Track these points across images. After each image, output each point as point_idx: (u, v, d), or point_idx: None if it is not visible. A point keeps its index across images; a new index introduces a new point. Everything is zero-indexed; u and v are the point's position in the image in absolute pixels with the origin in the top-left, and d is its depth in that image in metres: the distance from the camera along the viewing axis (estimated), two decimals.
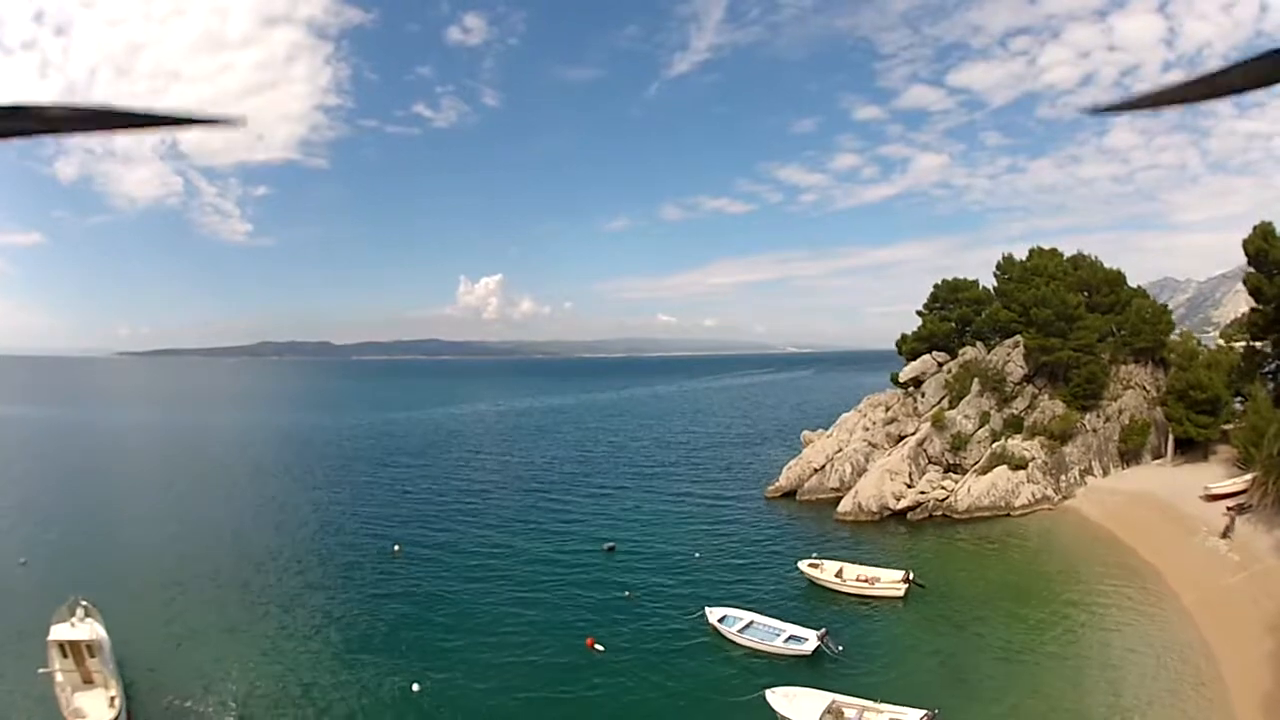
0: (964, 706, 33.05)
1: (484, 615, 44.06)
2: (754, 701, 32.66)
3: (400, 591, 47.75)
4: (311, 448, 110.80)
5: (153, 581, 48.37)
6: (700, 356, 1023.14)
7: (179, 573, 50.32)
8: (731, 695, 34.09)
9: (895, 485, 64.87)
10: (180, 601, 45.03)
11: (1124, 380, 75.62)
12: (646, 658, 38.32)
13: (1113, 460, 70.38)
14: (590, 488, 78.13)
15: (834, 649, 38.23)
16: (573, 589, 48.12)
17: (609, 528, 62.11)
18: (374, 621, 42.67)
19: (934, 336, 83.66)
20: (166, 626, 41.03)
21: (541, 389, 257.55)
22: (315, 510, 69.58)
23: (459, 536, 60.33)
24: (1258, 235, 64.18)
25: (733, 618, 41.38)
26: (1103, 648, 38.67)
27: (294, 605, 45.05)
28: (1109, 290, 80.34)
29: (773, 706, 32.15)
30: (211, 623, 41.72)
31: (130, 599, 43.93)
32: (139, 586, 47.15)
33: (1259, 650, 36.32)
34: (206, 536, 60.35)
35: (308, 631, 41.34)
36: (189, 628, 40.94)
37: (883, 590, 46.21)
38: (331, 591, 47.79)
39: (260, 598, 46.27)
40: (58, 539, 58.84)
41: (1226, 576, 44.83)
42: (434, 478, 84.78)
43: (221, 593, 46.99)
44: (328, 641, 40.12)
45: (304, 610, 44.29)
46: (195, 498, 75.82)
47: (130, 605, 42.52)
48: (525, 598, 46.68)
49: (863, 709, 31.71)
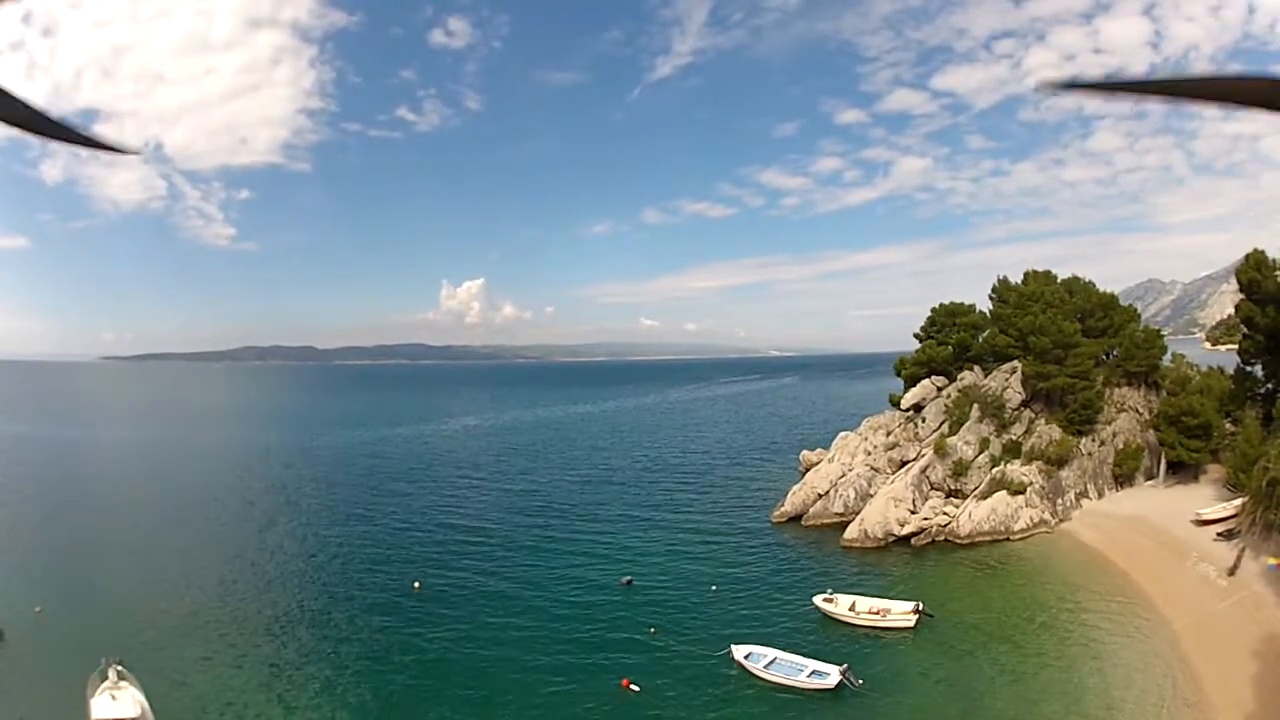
0: None
1: (513, 656, 44.60)
2: None
3: (424, 634, 47.77)
4: (301, 471, 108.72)
5: (172, 630, 47.76)
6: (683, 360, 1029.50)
7: (201, 619, 49.61)
8: None
9: (900, 512, 67.09)
10: (202, 652, 44.42)
11: (1118, 403, 78.01)
12: (681, 696, 39.49)
13: (1107, 483, 72.66)
14: (595, 516, 78.09)
15: (855, 683, 39.90)
16: (597, 625, 48.98)
17: (621, 559, 62.78)
18: (404, 670, 42.94)
19: (932, 361, 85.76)
20: (193, 685, 40.47)
21: (528, 400, 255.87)
22: (324, 544, 69.02)
23: (473, 572, 60.57)
24: (1251, 265, 66.32)
25: (758, 655, 42.69)
26: (1098, 672, 41.09)
27: (319, 655, 44.84)
28: (1103, 314, 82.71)
29: None
30: (237, 680, 41.28)
31: (153, 652, 43.46)
32: (158, 636, 46.44)
33: (1245, 674, 38.69)
34: (222, 576, 59.65)
35: (340, 683, 41.35)
36: (215, 686, 40.35)
37: (894, 621, 48.06)
38: (360, 638, 47.46)
39: (285, 648, 45.76)
40: (68, 580, 57.54)
41: (1216, 602, 47.13)
42: (435, 507, 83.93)
43: (246, 642, 46.48)
44: (365, 697, 40.03)
45: (333, 660, 44.20)
46: (204, 528, 75.09)
47: (154, 660, 42.22)
48: (551, 636, 47.33)
49: None
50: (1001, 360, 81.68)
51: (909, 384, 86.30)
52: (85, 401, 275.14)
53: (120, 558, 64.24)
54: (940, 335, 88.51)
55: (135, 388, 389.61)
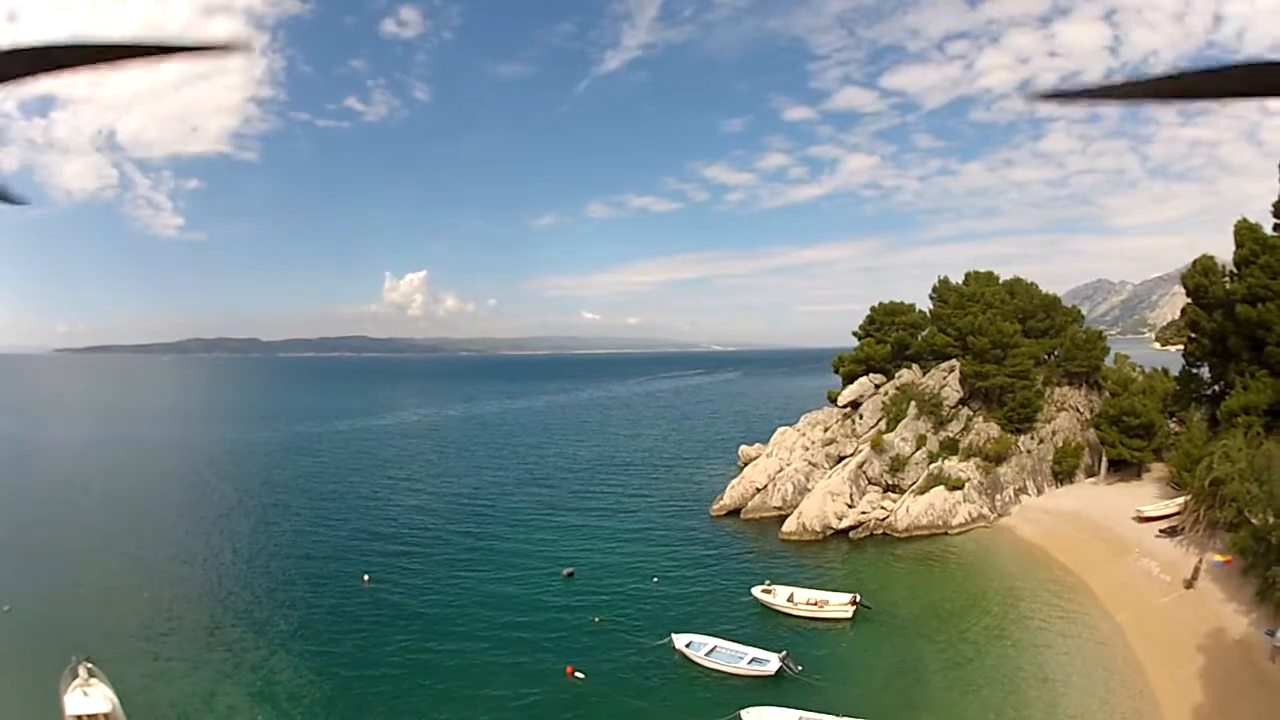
0: (915, 718, 34.31)
1: (460, 646, 43.93)
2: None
3: (376, 628, 46.80)
4: (250, 467, 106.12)
5: (136, 626, 46.58)
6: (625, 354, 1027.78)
7: (162, 617, 48.48)
8: (709, 716, 35.19)
9: (837, 505, 65.27)
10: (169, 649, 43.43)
11: (1058, 403, 77.57)
12: (625, 684, 38.95)
13: (1047, 480, 71.91)
14: (539, 509, 76.52)
15: (794, 669, 39.31)
16: (541, 616, 48.16)
17: (564, 551, 61.38)
18: (357, 663, 42.00)
19: (871, 359, 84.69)
20: (158, 680, 39.60)
21: (470, 395, 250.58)
22: (276, 539, 66.79)
23: (419, 565, 58.98)
24: (1198, 270, 66.16)
25: (698, 643, 42.30)
26: (1039, 663, 39.74)
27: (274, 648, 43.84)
28: (1045, 315, 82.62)
29: None
30: (205, 672, 40.56)
31: (119, 649, 42.26)
32: (122, 633, 45.16)
33: (1190, 665, 37.47)
34: (179, 573, 58.17)
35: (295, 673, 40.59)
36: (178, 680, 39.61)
37: (832, 613, 46.94)
38: (313, 630, 46.55)
39: (242, 643, 44.71)
40: (34, 578, 55.80)
41: (1158, 597, 46.01)
42: (381, 502, 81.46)
43: (206, 637, 45.48)
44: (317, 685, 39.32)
45: (289, 651, 43.27)
46: (160, 527, 71.55)
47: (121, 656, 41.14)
48: (497, 626, 46.58)
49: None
50: (940, 359, 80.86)
51: (847, 381, 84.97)
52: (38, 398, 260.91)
53: (80, 557, 62.00)
54: (879, 334, 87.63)
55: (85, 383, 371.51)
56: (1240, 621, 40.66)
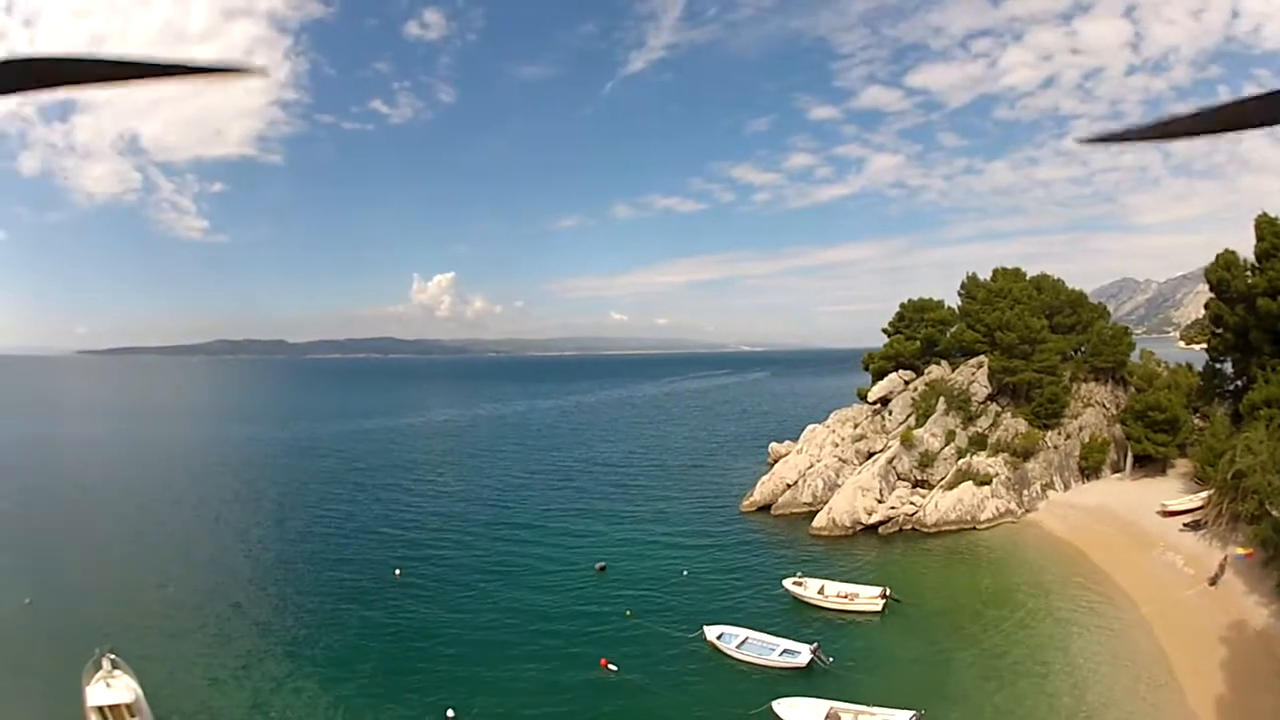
0: (945, 709, 35.30)
1: (493, 638, 44.74)
2: (762, 714, 34.97)
3: (408, 619, 47.75)
4: (281, 463, 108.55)
5: (160, 619, 47.22)
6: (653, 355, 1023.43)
7: (185, 607, 49.28)
8: (741, 707, 36.02)
9: (867, 501, 66.59)
10: (192, 642, 43.92)
11: (1084, 398, 78.31)
12: (657, 676, 39.80)
13: (1073, 475, 72.74)
14: (570, 506, 77.48)
15: (825, 661, 40.11)
16: (574, 609, 49.08)
17: (595, 546, 62.30)
18: (390, 654, 42.75)
19: (900, 355, 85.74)
20: (186, 673, 40.06)
21: (499, 395, 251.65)
22: (306, 535, 68.48)
23: (452, 559, 60.01)
24: (1220, 265, 66.57)
25: (730, 635, 42.97)
26: (1066, 654, 40.77)
27: (307, 641, 44.51)
28: (1071, 311, 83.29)
29: (780, 716, 34.51)
30: (229, 665, 41.07)
31: (144, 641, 42.73)
32: (148, 627, 45.67)
33: (1214, 658, 38.40)
34: (204, 564, 59.11)
35: (329, 668, 41.06)
36: (207, 673, 40.09)
37: (862, 605, 47.92)
38: (344, 620, 47.49)
39: (273, 633, 45.52)
40: (55, 572, 56.37)
41: (1182, 590, 46.98)
42: (413, 499, 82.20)
43: (234, 628, 46.18)
44: (352, 676, 39.97)
45: (321, 645, 43.88)
46: (189, 521, 73.89)
47: (146, 648, 41.47)
48: (531, 620, 47.45)
49: (857, 713, 34.30)
50: (969, 355, 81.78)
51: (876, 378, 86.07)
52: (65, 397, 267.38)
53: (107, 550, 63.14)
54: (908, 330, 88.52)
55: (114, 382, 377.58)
56: (1261, 613, 41.50)
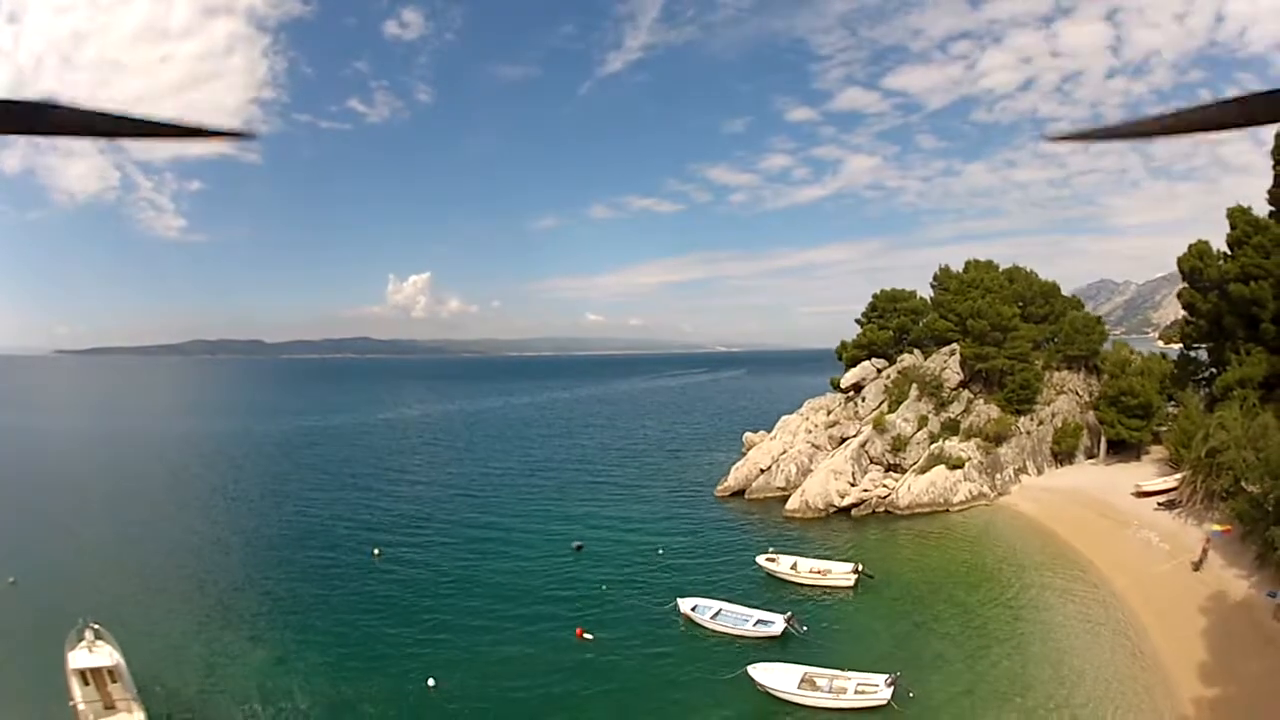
0: (921, 674, 34.86)
1: (473, 614, 44.54)
2: (737, 678, 34.60)
3: (388, 597, 47.61)
4: (260, 455, 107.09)
5: (143, 597, 47.18)
6: (629, 355, 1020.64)
7: (168, 587, 49.12)
8: (715, 674, 35.95)
9: (840, 484, 65.98)
10: (176, 618, 43.81)
11: (1058, 386, 78.41)
12: (632, 644, 39.69)
13: (1046, 460, 72.72)
14: (546, 492, 77.09)
15: (799, 630, 40.07)
16: (551, 586, 49.00)
17: (574, 529, 61.96)
18: (370, 628, 42.58)
19: (873, 344, 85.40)
20: (170, 645, 40.10)
21: (474, 393, 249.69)
22: (287, 519, 67.56)
23: (431, 542, 59.64)
24: (1193, 254, 66.78)
25: (704, 606, 42.85)
26: (1042, 625, 40.42)
27: (289, 617, 44.28)
28: (1044, 301, 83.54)
29: (755, 679, 34.07)
30: (213, 639, 41.00)
31: (128, 617, 42.42)
32: (133, 603, 45.52)
33: (1194, 627, 37.91)
34: (187, 548, 58.87)
35: (309, 640, 40.98)
36: (191, 647, 40.19)
37: (834, 580, 47.58)
38: (323, 597, 47.39)
39: (255, 610, 45.35)
40: (40, 554, 56.22)
41: (1159, 564, 46.61)
42: (393, 487, 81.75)
43: (215, 607, 45.97)
44: (332, 648, 39.91)
45: (302, 622, 43.63)
46: (166, 507, 72.25)
47: (130, 624, 41.07)
48: (508, 595, 47.38)
49: (833, 677, 33.99)
50: (941, 344, 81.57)
51: (849, 366, 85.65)
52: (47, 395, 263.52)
53: (90, 536, 62.45)
54: (881, 320, 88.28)
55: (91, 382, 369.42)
56: (1241, 585, 41.09)
